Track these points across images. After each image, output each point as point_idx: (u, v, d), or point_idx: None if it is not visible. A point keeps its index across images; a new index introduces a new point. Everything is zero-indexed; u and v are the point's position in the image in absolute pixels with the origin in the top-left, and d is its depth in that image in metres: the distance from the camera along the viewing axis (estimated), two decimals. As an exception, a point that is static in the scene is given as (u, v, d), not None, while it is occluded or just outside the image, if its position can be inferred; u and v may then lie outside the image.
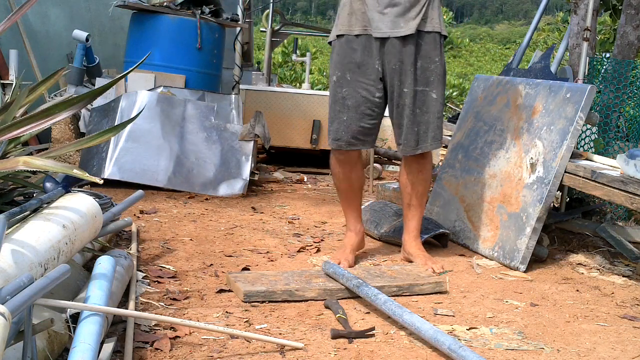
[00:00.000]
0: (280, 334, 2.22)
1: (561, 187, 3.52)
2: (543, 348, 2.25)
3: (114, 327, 2.11)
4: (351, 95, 3.01)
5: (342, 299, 2.58)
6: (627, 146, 4.04)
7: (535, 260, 3.26)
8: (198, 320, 2.26)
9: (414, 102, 2.98)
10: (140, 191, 3.08)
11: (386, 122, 8.30)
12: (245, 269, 2.91)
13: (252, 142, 4.64)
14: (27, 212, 2.14)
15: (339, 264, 2.91)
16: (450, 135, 4.13)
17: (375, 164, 5.35)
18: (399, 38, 2.94)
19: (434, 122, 3.02)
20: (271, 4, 7.67)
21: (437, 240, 3.50)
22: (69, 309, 1.85)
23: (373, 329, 2.27)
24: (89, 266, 2.49)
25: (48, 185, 2.40)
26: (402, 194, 3.19)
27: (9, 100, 2.58)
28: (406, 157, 3.10)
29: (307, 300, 2.55)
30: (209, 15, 5.18)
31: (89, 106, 4.70)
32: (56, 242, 1.99)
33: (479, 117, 3.75)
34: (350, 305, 2.53)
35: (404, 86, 2.97)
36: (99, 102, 4.69)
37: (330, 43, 3.11)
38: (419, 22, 2.94)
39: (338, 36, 3.04)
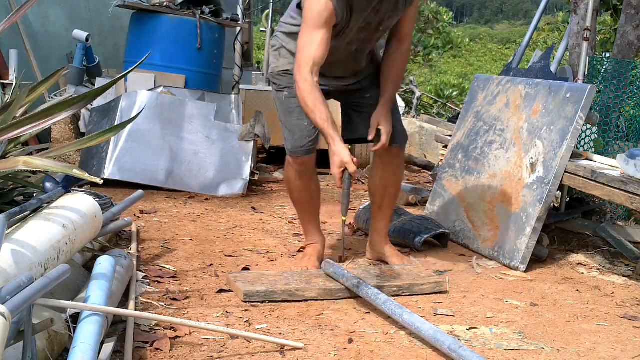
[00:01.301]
0: (280, 334, 2.22)
1: (561, 187, 3.52)
2: (543, 348, 2.25)
3: (114, 327, 2.11)
4: None
5: (342, 299, 2.58)
6: (627, 146, 4.04)
7: (535, 260, 3.26)
8: (198, 320, 2.26)
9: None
10: (140, 191, 3.08)
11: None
12: (245, 269, 2.91)
13: (252, 142, 4.64)
14: (27, 212, 2.14)
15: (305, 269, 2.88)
16: (450, 135, 4.13)
17: (375, 164, 5.34)
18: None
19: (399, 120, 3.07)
20: (271, 4, 7.67)
21: (437, 240, 3.50)
22: (69, 309, 1.85)
23: None
24: (89, 266, 2.49)
25: (48, 185, 2.40)
26: (374, 196, 3.14)
27: (9, 100, 2.59)
28: (381, 157, 3.05)
29: (307, 300, 2.55)
30: (209, 15, 5.18)
31: (89, 106, 4.70)
32: (56, 242, 1.99)
33: (479, 117, 3.75)
34: (350, 305, 2.53)
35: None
36: (99, 102, 4.69)
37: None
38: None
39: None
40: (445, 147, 3.97)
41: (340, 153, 2.72)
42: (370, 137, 2.89)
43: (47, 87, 2.81)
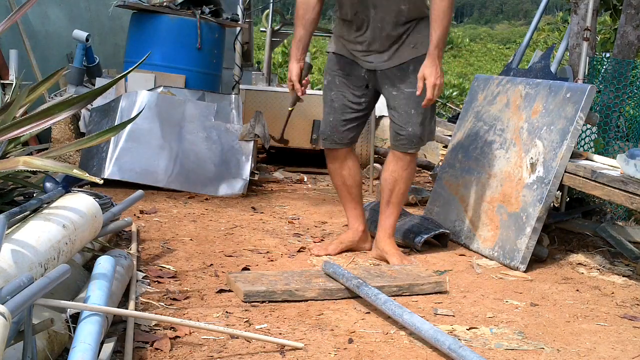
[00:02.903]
0: (280, 334, 2.22)
1: (561, 187, 3.52)
2: (543, 348, 2.25)
3: (114, 327, 2.11)
4: (338, 98, 3.21)
5: (342, 298, 2.58)
6: (627, 146, 4.04)
7: (535, 260, 3.26)
8: (198, 320, 2.26)
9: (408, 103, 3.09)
10: (140, 191, 3.08)
11: (386, 122, 8.29)
12: (245, 269, 2.91)
13: (252, 142, 4.64)
14: (27, 212, 2.14)
15: (319, 246, 3.25)
16: (450, 135, 4.13)
17: (375, 164, 5.35)
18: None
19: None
20: (271, 4, 7.68)
21: (437, 240, 3.50)
22: (69, 309, 1.85)
23: None
24: (89, 266, 2.49)
25: (48, 185, 2.40)
26: (383, 191, 3.23)
27: (9, 100, 2.58)
28: (395, 152, 3.16)
29: (307, 300, 2.55)
30: (209, 15, 5.18)
31: (89, 106, 4.69)
32: (56, 242, 1.99)
33: (479, 117, 3.75)
34: (350, 305, 2.53)
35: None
36: (99, 102, 4.69)
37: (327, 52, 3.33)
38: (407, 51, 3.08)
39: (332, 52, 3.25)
40: (445, 147, 3.97)
41: (291, 71, 3.14)
42: (418, 93, 2.96)
43: (47, 87, 2.81)
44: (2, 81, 4.84)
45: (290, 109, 3.51)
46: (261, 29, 9.06)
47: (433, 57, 2.92)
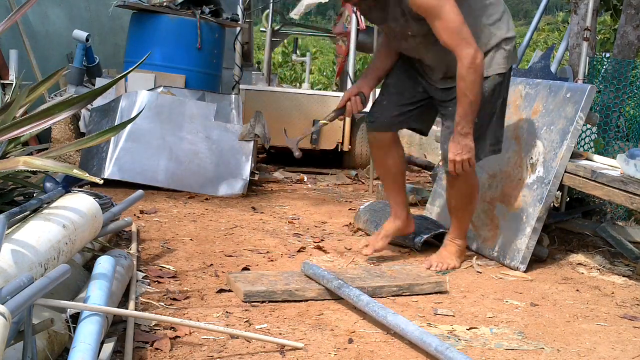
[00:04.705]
0: (280, 334, 2.22)
1: (561, 187, 3.52)
2: (543, 348, 2.25)
3: (114, 327, 2.11)
4: (395, 83, 3.14)
5: (342, 298, 2.57)
6: (627, 146, 4.04)
7: (535, 260, 3.26)
8: (198, 320, 2.26)
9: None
10: (140, 191, 3.08)
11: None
12: (245, 269, 2.91)
13: (252, 142, 4.64)
14: (27, 212, 2.14)
15: (366, 246, 3.18)
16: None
17: (375, 164, 5.34)
18: None
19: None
20: (271, 4, 7.68)
21: (438, 240, 3.49)
22: (69, 309, 1.85)
23: None
24: (89, 266, 2.49)
25: (48, 185, 2.40)
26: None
27: (9, 100, 2.58)
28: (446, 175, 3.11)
29: (307, 300, 2.55)
30: (209, 15, 5.18)
31: (89, 106, 4.70)
32: (56, 242, 1.99)
33: (479, 117, 3.74)
34: (350, 305, 2.53)
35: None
36: (99, 102, 4.69)
37: None
38: None
39: None
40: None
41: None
42: (440, 163, 3.00)
43: (47, 87, 2.81)
44: (2, 81, 4.85)
45: (323, 121, 3.18)
46: (261, 29, 9.07)
47: (457, 131, 2.84)
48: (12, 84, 4.67)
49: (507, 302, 2.71)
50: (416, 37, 2.87)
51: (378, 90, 3.35)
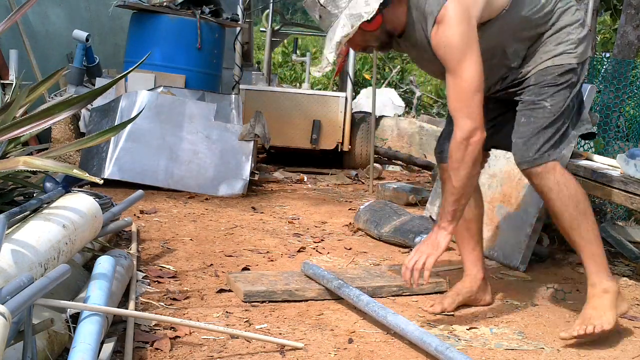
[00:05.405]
0: (280, 334, 2.22)
1: (561, 187, 3.51)
2: (543, 348, 2.25)
3: (114, 327, 2.11)
4: None
5: (342, 298, 2.57)
6: (627, 146, 4.04)
7: (535, 260, 3.26)
8: (198, 320, 2.26)
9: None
10: (140, 191, 3.08)
11: (386, 122, 8.25)
12: (245, 269, 2.91)
13: (252, 142, 4.64)
14: (27, 212, 2.14)
15: (431, 306, 2.54)
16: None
17: (375, 164, 5.35)
18: None
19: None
20: (271, 4, 7.68)
21: (437, 240, 3.49)
22: (69, 309, 1.85)
23: None
24: (89, 266, 2.49)
25: (48, 185, 2.40)
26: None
27: (9, 100, 2.58)
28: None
29: (307, 300, 2.55)
30: (209, 15, 5.18)
31: (89, 106, 4.70)
32: (56, 242, 1.99)
33: (479, 117, 3.74)
34: (350, 305, 2.53)
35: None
36: (99, 102, 4.69)
37: None
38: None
39: None
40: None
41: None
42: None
43: (47, 87, 2.81)
44: (2, 81, 4.84)
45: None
46: (261, 29, 9.06)
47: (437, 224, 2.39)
48: (12, 84, 4.67)
49: (507, 302, 2.71)
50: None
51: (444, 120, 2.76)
